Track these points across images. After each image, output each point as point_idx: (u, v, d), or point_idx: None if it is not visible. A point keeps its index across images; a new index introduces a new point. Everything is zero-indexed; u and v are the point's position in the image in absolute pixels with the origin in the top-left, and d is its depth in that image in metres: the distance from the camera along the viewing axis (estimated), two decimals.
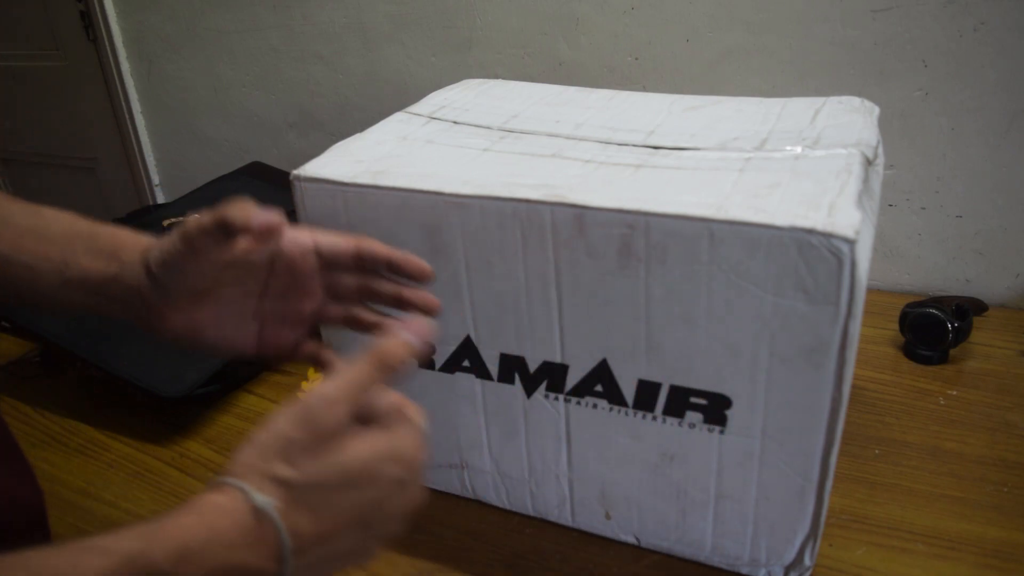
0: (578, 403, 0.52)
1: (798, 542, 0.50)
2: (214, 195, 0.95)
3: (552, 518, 0.59)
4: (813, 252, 0.41)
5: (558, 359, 0.51)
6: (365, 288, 0.46)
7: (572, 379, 0.52)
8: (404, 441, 0.36)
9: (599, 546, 0.57)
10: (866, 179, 0.47)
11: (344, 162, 0.54)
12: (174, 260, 0.40)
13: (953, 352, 0.75)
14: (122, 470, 0.69)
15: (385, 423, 0.36)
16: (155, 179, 1.46)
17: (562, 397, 0.53)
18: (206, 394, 0.74)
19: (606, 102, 0.63)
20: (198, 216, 0.39)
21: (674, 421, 0.50)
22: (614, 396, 0.51)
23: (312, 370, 0.81)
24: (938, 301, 0.77)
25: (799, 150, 0.50)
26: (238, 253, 0.41)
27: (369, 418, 0.36)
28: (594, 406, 0.52)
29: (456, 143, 0.56)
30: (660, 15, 0.90)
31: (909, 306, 0.76)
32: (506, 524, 0.60)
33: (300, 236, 0.44)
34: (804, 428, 0.46)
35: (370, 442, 0.34)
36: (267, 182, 1.05)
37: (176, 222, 0.85)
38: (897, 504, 0.59)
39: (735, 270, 0.43)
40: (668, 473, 0.52)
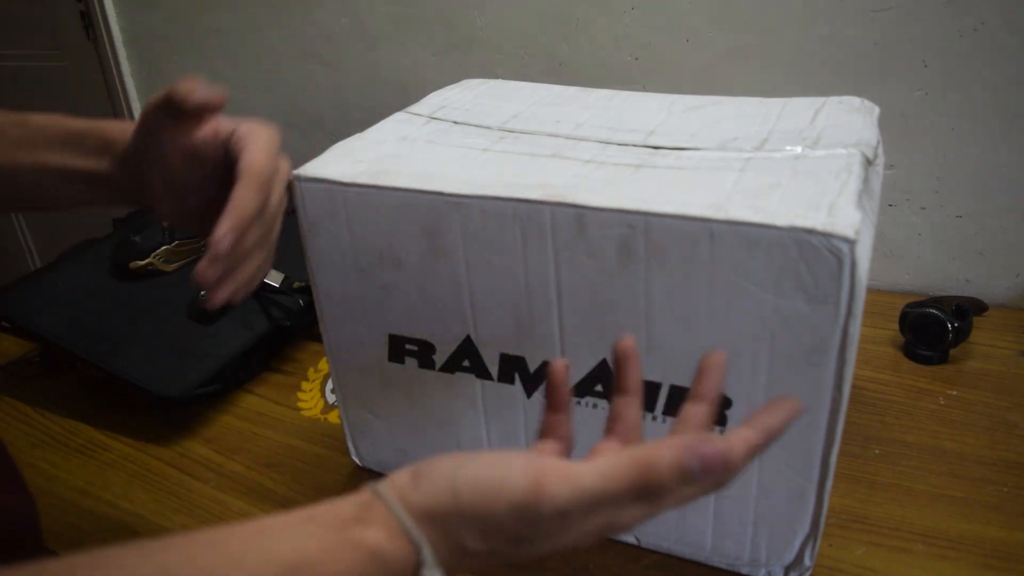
0: (578, 403, 0.52)
1: (798, 542, 0.50)
2: None
3: None
4: (813, 252, 0.41)
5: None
6: None
7: (572, 379, 0.52)
8: (623, 518, 0.31)
9: (599, 546, 0.57)
10: (866, 179, 0.47)
11: (344, 162, 0.54)
12: (137, 147, 0.42)
13: (953, 352, 0.75)
14: (122, 470, 0.69)
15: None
16: None
17: None
18: (206, 394, 0.74)
19: (606, 102, 0.63)
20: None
21: (674, 421, 0.50)
22: None
23: (312, 370, 0.82)
24: (938, 301, 0.77)
25: (799, 150, 0.50)
26: (195, 140, 0.42)
27: None
28: (594, 406, 0.52)
29: (456, 143, 0.56)
30: (660, 15, 0.90)
31: (909, 306, 0.76)
32: None
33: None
34: (804, 428, 0.46)
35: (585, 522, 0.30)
36: None
37: None
38: (897, 504, 0.59)
39: (735, 270, 0.43)
40: None
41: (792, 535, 0.50)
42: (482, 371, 0.55)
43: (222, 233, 0.38)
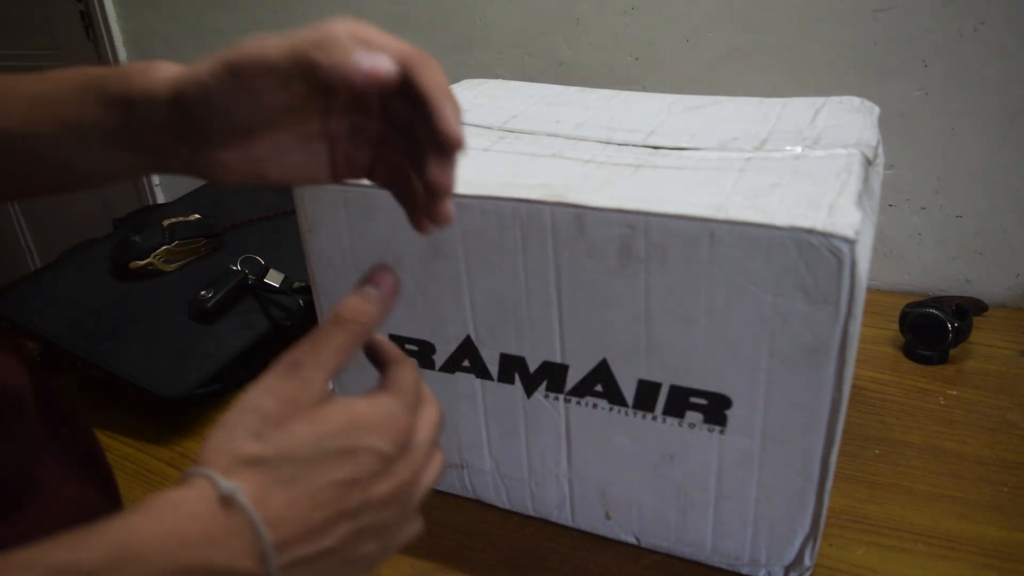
0: (578, 403, 0.52)
1: (798, 542, 0.50)
2: (214, 195, 0.95)
3: (552, 518, 0.59)
4: (813, 252, 0.41)
5: (558, 359, 0.51)
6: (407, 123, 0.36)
7: (572, 379, 0.52)
8: (390, 410, 0.32)
9: (599, 546, 0.57)
10: (866, 179, 0.47)
11: None
12: (217, 100, 0.31)
13: (953, 352, 0.75)
14: (122, 470, 0.69)
15: (372, 393, 0.32)
16: (155, 179, 1.46)
17: (562, 397, 0.53)
18: (206, 394, 0.74)
19: (606, 102, 0.63)
20: (257, 43, 0.31)
21: (674, 421, 0.50)
22: (614, 396, 0.51)
23: None
24: (938, 301, 0.77)
25: (799, 150, 0.50)
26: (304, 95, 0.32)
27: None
28: (594, 406, 0.52)
29: None
30: (660, 15, 0.90)
31: (909, 306, 0.76)
32: (506, 524, 0.60)
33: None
34: (804, 428, 0.46)
35: (349, 409, 0.30)
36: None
37: (177, 222, 0.84)
38: (897, 504, 0.59)
39: (735, 270, 0.43)
40: (668, 473, 0.52)
41: (792, 535, 0.50)
42: (482, 371, 0.55)
43: (457, 128, 0.32)
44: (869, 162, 0.49)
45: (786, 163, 0.48)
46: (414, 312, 0.54)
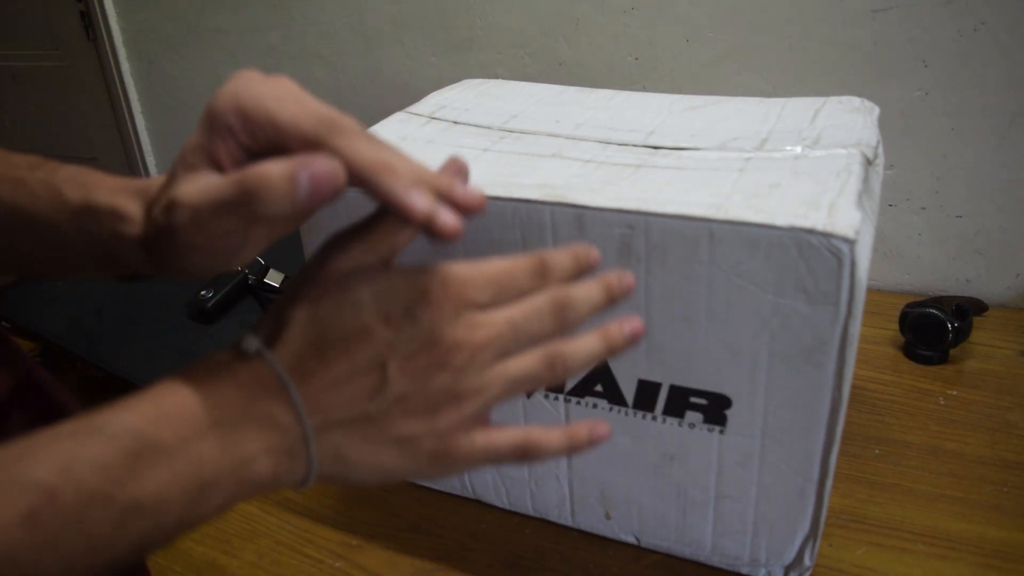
0: (578, 403, 0.52)
1: (798, 542, 0.50)
2: None
3: (552, 518, 0.59)
4: (813, 252, 0.41)
5: None
6: None
7: (572, 379, 0.52)
8: (391, 277, 0.35)
9: (599, 546, 0.57)
10: (866, 179, 0.47)
11: None
12: (181, 238, 0.32)
13: (953, 352, 0.75)
14: None
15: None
16: None
17: (562, 397, 0.53)
18: None
19: (606, 102, 0.63)
20: (205, 184, 0.31)
21: (674, 421, 0.50)
22: (614, 396, 0.51)
23: None
24: (938, 301, 0.77)
25: (799, 150, 0.50)
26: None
27: None
28: (594, 406, 0.52)
29: (456, 143, 0.56)
30: (660, 15, 0.91)
31: (909, 306, 0.76)
32: (506, 524, 0.60)
33: None
34: (804, 428, 0.46)
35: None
36: None
37: None
38: (897, 504, 0.59)
39: (735, 270, 0.43)
40: (668, 473, 0.52)
41: (792, 535, 0.50)
42: None
43: (408, 197, 0.34)
44: (869, 162, 0.49)
45: (786, 163, 0.48)
46: None
